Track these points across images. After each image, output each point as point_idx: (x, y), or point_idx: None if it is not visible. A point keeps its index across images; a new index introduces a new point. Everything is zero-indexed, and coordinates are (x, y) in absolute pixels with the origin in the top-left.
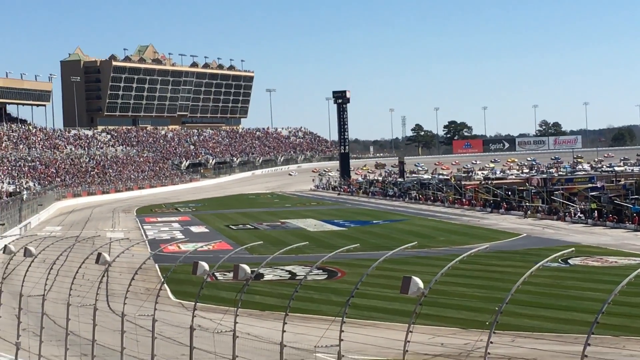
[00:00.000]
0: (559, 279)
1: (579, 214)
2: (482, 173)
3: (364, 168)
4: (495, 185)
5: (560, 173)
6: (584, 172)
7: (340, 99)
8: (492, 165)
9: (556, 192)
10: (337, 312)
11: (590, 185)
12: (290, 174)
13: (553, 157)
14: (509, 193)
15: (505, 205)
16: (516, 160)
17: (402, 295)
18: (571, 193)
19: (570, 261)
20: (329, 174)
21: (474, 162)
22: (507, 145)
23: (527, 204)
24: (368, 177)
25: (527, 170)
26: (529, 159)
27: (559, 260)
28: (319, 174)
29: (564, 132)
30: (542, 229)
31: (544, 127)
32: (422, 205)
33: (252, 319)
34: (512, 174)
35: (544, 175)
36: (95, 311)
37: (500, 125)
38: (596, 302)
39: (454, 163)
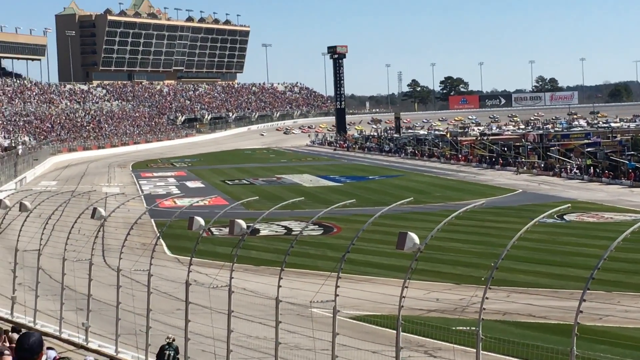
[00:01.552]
0: (555, 235)
1: (574, 170)
2: (479, 129)
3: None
4: (491, 141)
5: (557, 129)
6: (580, 128)
7: (337, 54)
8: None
9: (552, 148)
10: (333, 268)
11: (586, 141)
12: (261, 134)
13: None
14: (505, 149)
15: (502, 161)
16: (462, 118)
17: (398, 251)
18: (567, 149)
19: (566, 217)
20: (293, 131)
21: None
22: (503, 101)
23: (523, 159)
24: (364, 133)
25: (523, 127)
26: (468, 117)
27: (555, 216)
28: (284, 132)
29: (561, 88)
30: (538, 184)
31: (540, 83)
32: (418, 161)
33: (248, 274)
34: (508, 130)
35: (540, 132)
36: (90, 266)
37: (496, 81)
38: (591, 258)
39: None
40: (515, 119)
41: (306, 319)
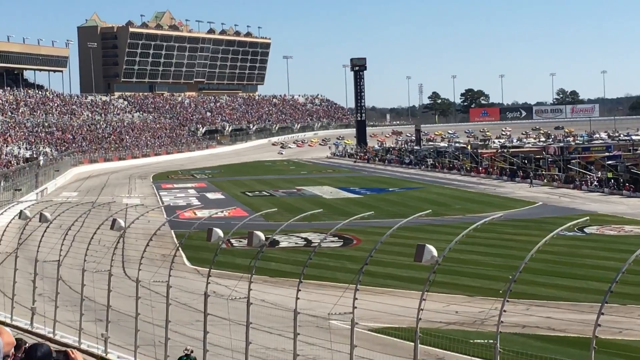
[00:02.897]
0: (575, 248)
1: (595, 182)
2: (499, 141)
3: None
4: (512, 153)
5: (577, 142)
6: (601, 141)
7: (357, 66)
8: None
9: (573, 161)
10: (352, 280)
11: (607, 154)
12: (280, 153)
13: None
14: (526, 161)
15: (522, 174)
16: (442, 132)
17: (416, 263)
18: (588, 162)
19: (586, 230)
20: (290, 145)
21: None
22: (524, 113)
23: (543, 172)
24: (384, 145)
25: (543, 139)
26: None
27: (575, 228)
28: (281, 146)
29: (582, 100)
30: (559, 197)
31: (561, 95)
32: (438, 173)
33: (267, 286)
34: (528, 143)
35: (561, 144)
36: (110, 277)
37: (517, 93)
38: (611, 271)
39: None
40: (542, 131)
41: (324, 331)
